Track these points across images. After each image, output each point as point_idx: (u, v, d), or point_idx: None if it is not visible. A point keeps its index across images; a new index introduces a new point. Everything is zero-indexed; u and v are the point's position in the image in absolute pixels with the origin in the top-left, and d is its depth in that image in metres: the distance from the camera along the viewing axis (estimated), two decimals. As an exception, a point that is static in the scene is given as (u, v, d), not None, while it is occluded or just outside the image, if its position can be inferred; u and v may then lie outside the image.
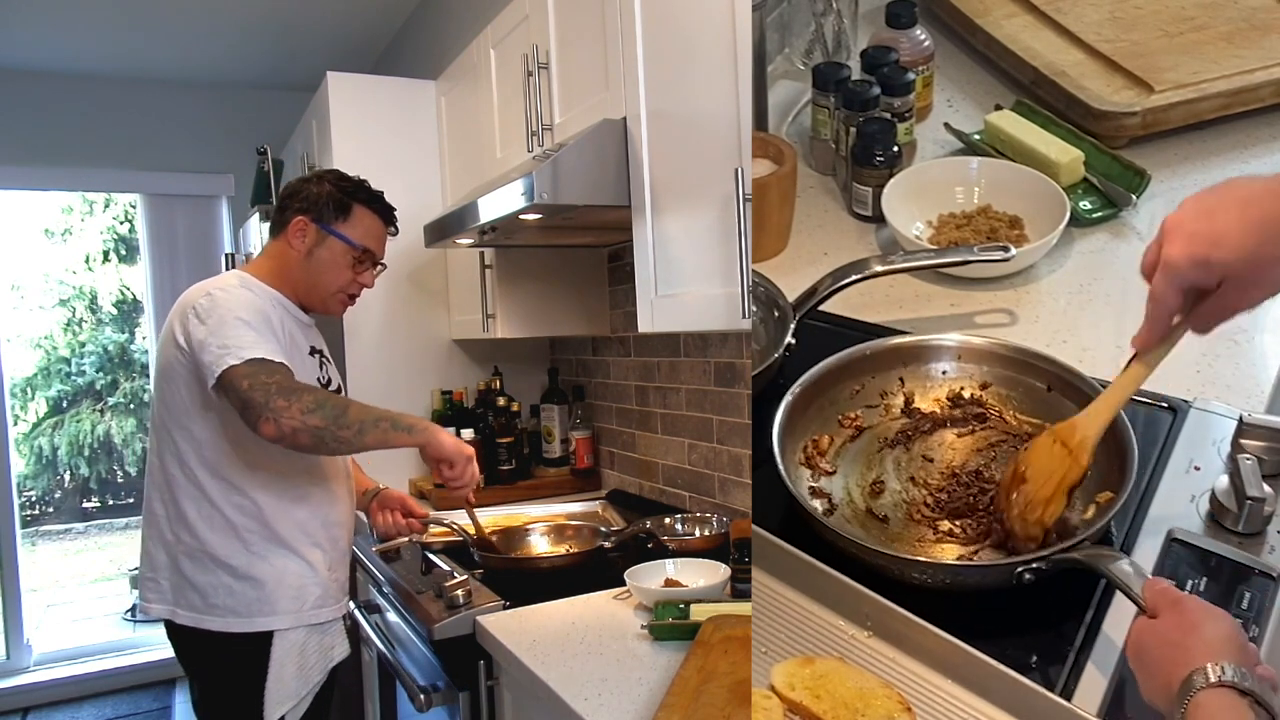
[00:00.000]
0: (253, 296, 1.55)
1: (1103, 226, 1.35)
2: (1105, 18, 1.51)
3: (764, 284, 1.25)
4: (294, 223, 1.63)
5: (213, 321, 1.48)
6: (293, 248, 1.63)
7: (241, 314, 1.49)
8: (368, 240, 1.67)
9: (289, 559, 1.57)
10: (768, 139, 1.38)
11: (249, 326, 1.48)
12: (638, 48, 1.59)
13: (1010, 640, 0.93)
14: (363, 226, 1.67)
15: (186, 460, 1.55)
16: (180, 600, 1.57)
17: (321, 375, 1.68)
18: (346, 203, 1.65)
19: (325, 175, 1.69)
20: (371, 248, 1.68)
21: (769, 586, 1.00)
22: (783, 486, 1.01)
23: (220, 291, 1.53)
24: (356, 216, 1.66)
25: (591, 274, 2.59)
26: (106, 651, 4.13)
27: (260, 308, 1.54)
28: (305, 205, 1.63)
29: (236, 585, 1.54)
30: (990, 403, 1.14)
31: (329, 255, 1.64)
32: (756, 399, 1.17)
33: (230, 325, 1.47)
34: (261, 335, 1.48)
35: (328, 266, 1.64)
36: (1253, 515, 0.97)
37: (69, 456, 6.25)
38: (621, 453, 2.61)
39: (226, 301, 1.51)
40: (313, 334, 1.72)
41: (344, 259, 1.65)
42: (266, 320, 1.53)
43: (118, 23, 3.45)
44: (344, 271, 1.66)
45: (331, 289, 1.66)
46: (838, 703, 0.87)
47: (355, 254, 1.66)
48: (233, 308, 1.50)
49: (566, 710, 1.20)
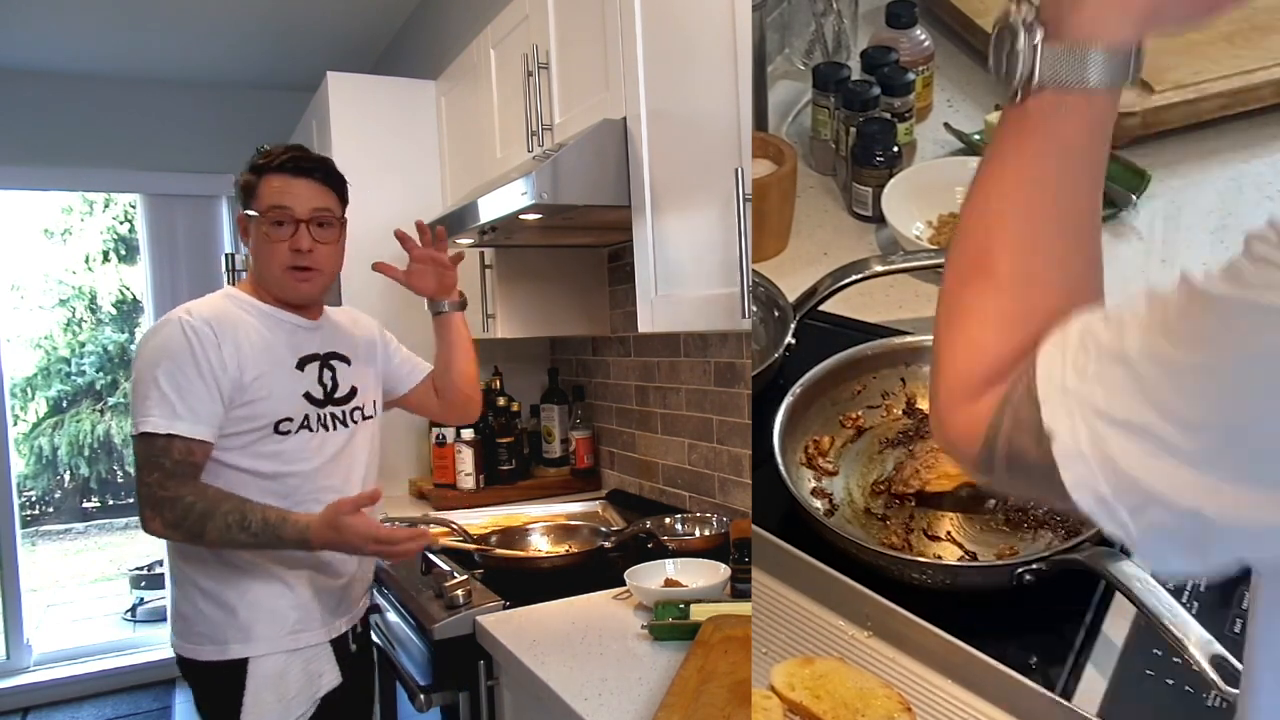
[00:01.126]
0: (178, 336, 1.40)
1: (1103, 226, 1.35)
2: (1105, 18, 1.51)
3: (764, 284, 1.25)
4: (238, 223, 1.55)
5: (134, 370, 1.43)
6: (247, 248, 1.54)
7: (154, 368, 1.39)
8: (273, 199, 1.47)
9: (265, 581, 1.48)
10: (768, 139, 1.38)
11: (154, 387, 1.38)
12: (638, 48, 1.59)
13: (1010, 640, 0.93)
14: (266, 189, 1.48)
15: None
16: (176, 626, 1.53)
17: (316, 388, 1.54)
18: (253, 180, 1.50)
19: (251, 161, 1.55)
20: (278, 203, 1.47)
21: (769, 586, 1.00)
22: (783, 486, 1.01)
23: (153, 332, 1.44)
24: (262, 186, 1.49)
25: (591, 274, 2.59)
26: (106, 651, 4.12)
27: (185, 350, 1.39)
28: (239, 203, 1.53)
29: (210, 610, 1.47)
30: (990, 403, 1.14)
31: (255, 239, 1.50)
32: (756, 399, 1.17)
33: (141, 382, 1.40)
34: (166, 396, 1.37)
35: (260, 249, 1.49)
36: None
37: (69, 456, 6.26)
38: (621, 453, 2.61)
39: (149, 347, 1.42)
40: (315, 338, 1.57)
41: (261, 233, 1.48)
42: (192, 361, 1.39)
43: (118, 23, 3.44)
44: (270, 247, 1.48)
45: (274, 271, 1.49)
46: (838, 703, 0.87)
47: (268, 221, 1.47)
48: (151, 356, 1.40)
49: (566, 710, 1.20)
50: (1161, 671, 0.87)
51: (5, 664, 3.90)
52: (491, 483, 2.66)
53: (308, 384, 1.53)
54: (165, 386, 1.37)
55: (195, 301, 1.48)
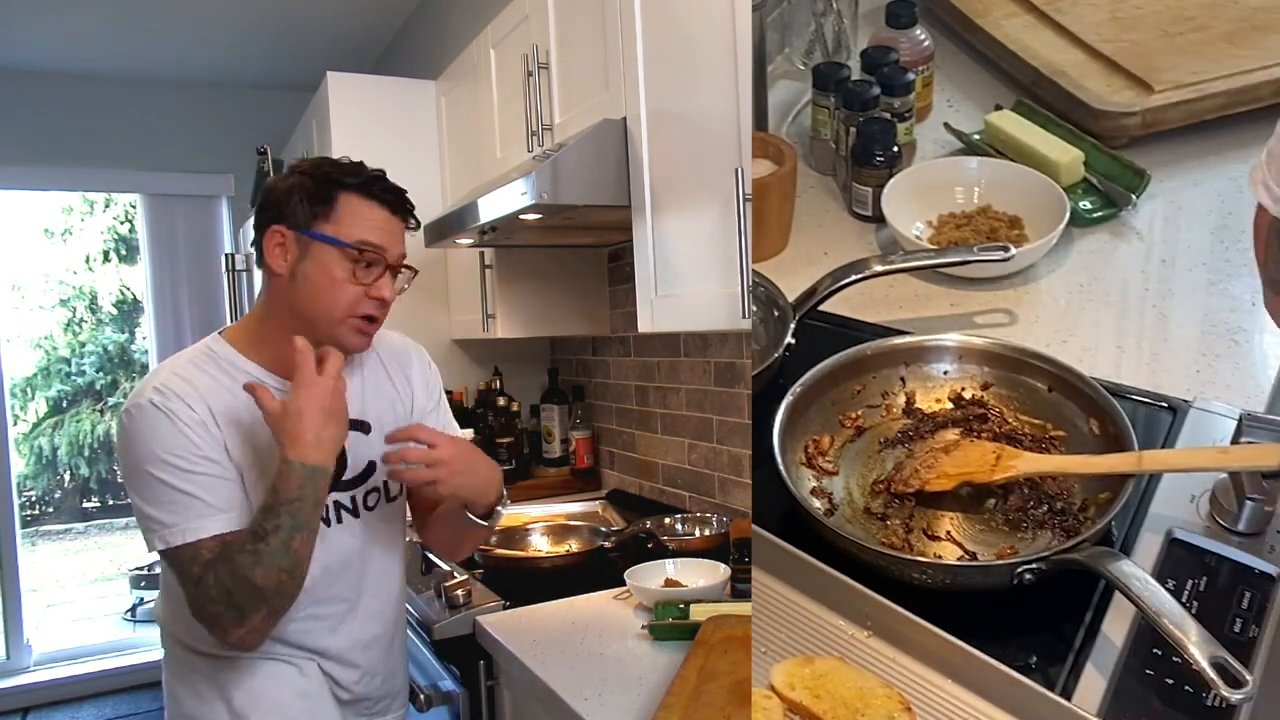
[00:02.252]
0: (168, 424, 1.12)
1: (1103, 226, 1.35)
2: (1105, 18, 1.51)
3: (764, 284, 1.25)
4: (269, 236, 1.18)
5: (126, 468, 1.15)
6: (275, 272, 1.19)
7: (152, 465, 1.11)
8: (363, 233, 1.18)
9: (273, 667, 1.23)
10: (768, 139, 1.38)
11: (163, 486, 1.11)
12: (638, 48, 1.59)
13: (1010, 640, 0.93)
14: (356, 216, 1.18)
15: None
16: (171, 708, 1.30)
17: None
18: (327, 192, 1.18)
19: (299, 165, 1.23)
20: (374, 241, 1.18)
21: (769, 586, 1.00)
22: (783, 486, 1.01)
23: (138, 411, 1.13)
24: (344, 207, 1.18)
25: (591, 274, 2.59)
26: (106, 651, 4.13)
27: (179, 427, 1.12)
28: (275, 210, 1.19)
29: (208, 694, 1.23)
30: (991, 403, 1.14)
31: (316, 268, 1.17)
32: (756, 399, 1.17)
33: (143, 486, 1.12)
34: (181, 489, 1.11)
35: (320, 285, 1.17)
36: (1253, 515, 0.97)
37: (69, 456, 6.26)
38: (621, 453, 2.61)
39: (140, 436, 1.12)
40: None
41: (339, 268, 1.17)
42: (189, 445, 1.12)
43: (118, 23, 3.44)
44: (343, 286, 1.17)
45: (336, 313, 1.18)
46: (838, 703, 0.87)
47: (353, 256, 1.17)
48: (145, 453, 1.12)
49: (566, 710, 1.20)
50: (1161, 671, 0.87)
51: (5, 664, 3.90)
52: (491, 483, 2.66)
53: None
54: (175, 481, 1.11)
55: (171, 372, 1.18)
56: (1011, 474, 1.02)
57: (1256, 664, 0.87)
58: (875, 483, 1.09)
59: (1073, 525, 1.00)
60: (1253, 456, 0.97)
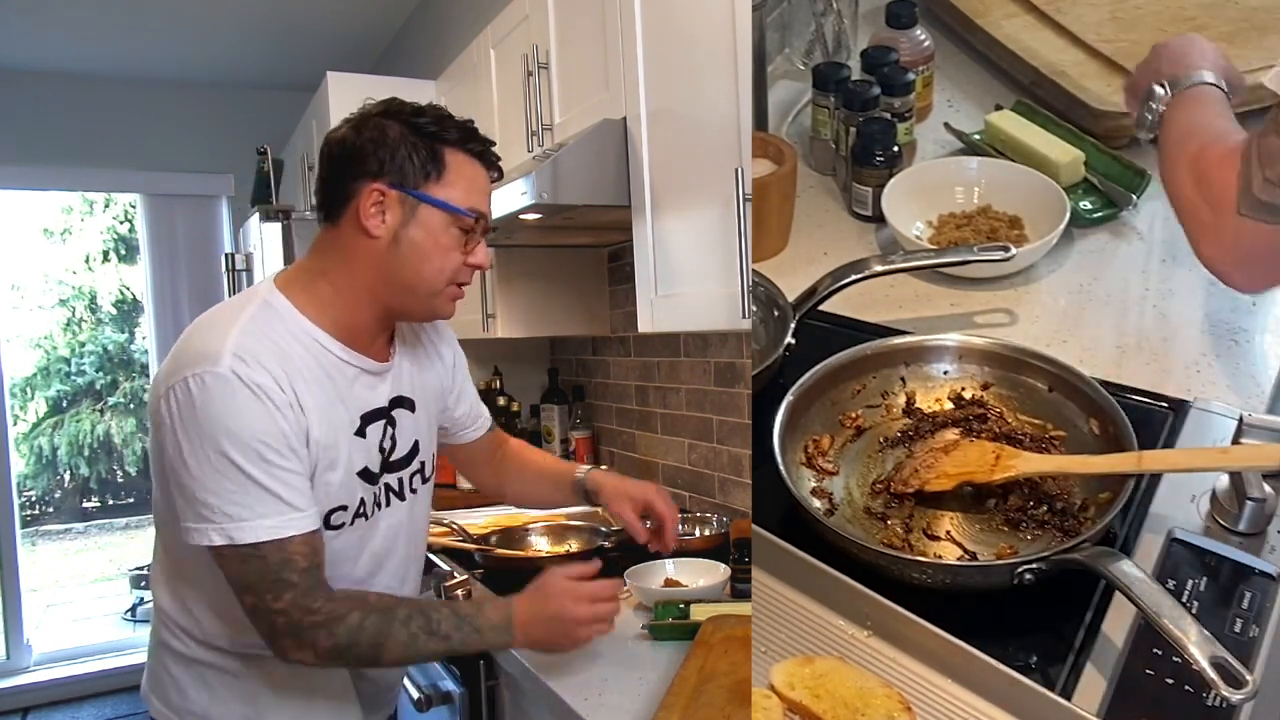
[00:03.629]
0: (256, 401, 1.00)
1: (1103, 226, 1.35)
2: (1105, 18, 1.51)
3: (764, 284, 1.25)
4: (366, 194, 1.06)
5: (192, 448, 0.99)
6: (370, 234, 1.07)
7: (233, 448, 0.98)
8: (473, 199, 1.11)
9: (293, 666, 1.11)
10: (768, 139, 1.38)
11: (241, 475, 0.99)
12: (638, 48, 1.59)
13: (1010, 640, 0.93)
14: (465, 179, 1.10)
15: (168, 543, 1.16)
16: (158, 689, 1.21)
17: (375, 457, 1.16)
18: (436, 149, 1.09)
19: (386, 111, 1.11)
20: (482, 209, 1.12)
21: (769, 586, 1.00)
22: (783, 486, 1.01)
23: (212, 380, 0.98)
24: (454, 168, 1.09)
25: (591, 274, 2.59)
26: (106, 651, 4.12)
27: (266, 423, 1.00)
28: (375, 164, 1.07)
29: (224, 690, 1.16)
30: (991, 403, 1.14)
31: (424, 235, 1.08)
32: (756, 399, 1.17)
33: (213, 471, 0.98)
34: (263, 485, 0.99)
35: (427, 252, 1.09)
36: (1253, 515, 0.97)
37: (69, 456, 6.25)
38: (621, 453, 2.61)
39: (216, 413, 0.98)
40: (382, 385, 1.16)
41: (448, 235, 1.09)
42: (275, 431, 1.01)
43: (118, 23, 3.44)
44: (450, 254, 1.10)
45: (437, 283, 1.11)
46: (838, 702, 0.87)
47: (464, 224, 1.10)
48: (223, 431, 0.98)
49: (566, 710, 1.20)
50: (1161, 671, 0.87)
51: (5, 664, 3.90)
52: (491, 483, 2.66)
53: (366, 455, 1.14)
54: (255, 471, 0.99)
55: (243, 333, 1.03)
56: (1011, 474, 1.02)
57: (1256, 664, 0.87)
58: (875, 483, 1.08)
59: (1073, 525, 1.00)
60: (1253, 456, 0.98)
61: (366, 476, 1.14)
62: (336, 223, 1.10)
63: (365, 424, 1.14)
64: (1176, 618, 0.82)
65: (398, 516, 1.21)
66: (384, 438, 1.16)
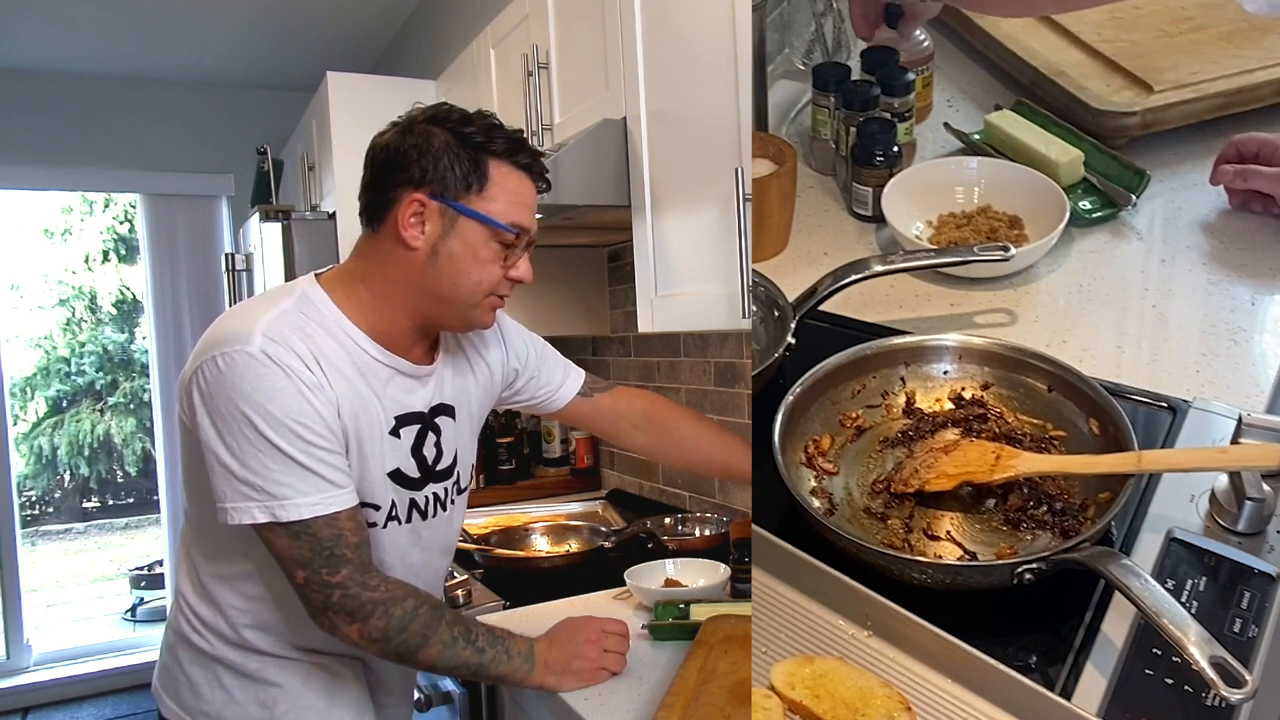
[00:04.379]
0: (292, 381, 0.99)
1: (1103, 226, 1.35)
2: (1105, 18, 1.51)
3: (764, 284, 1.25)
4: (406, 203, 1.05)
5: (228, 425, 0.98)
6: (408, 245, 1.06)
7: (270, 427, 0.97)
8: (516, 213, 1.08)
9: (315, 667, 1.16)
10: (768, 139, 1.38)
11: (281, 454, 0.98)
12: (638, 48, 1.59)
13: (1010, 640, 0.93)
14: (508, 192, 1.08)
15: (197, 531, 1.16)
16: (171, 688, 1.19)
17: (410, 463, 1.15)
18: (479, 160, 1.06)
19: (434, 118, 1.08)
20: (524, 223, 1.09)
21: (769, 586, 1.00)
22: (783, 486, 1.01)
23: (245, 357, 0.98)
24: (497, 179, 1.07)
25: (591, 274, 2.59)
26: (106, 651, 4.13)
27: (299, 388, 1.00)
28: (420, 174, 1.05)
29: (239, 693, 1.14)
30: (991, 403, 1.14)
31: (464, 247, 1.06)
32: (756, 399, 1.17)
33: (253, 449, 0.98)
34: (306, 463, 0.99)
35: (466, 266, 1.07)
36: (1253, 515, 0.97)
37: (69, 456, 6.25)
38: (621, 452, 2.61)
39: (252, 389, 0.98)
40: (421, 390, 1.15)
41: (488, 249, 1.07)
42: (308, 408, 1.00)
43: (118, 23, 3.44)
44: (489, 268, 1.08)
45: (476, 296, 1.09)
46: (838, 702, 0.87)
47: (505, 239, 1.08)
48: (259, 410, 0.97)
49: (566, 710, 1.20)
50: (1161, 671, 0.87)
51: (5, 664, 3.90)
52: (491, 482, 2.66)
53: (399, 457, 1.13)
54: (293, 451, 0.98)
55: (276, 319, 1.03)
56: (1011, 474, 1.02)
57: (1256, 664, 0.87)
58: (875, 483, 1.09)
59: (1072, 525, 1.00)
60: (1252, 456, 0.98)
61: (399, 479, 1.13)
62: (378, 230, 1.09)
63: (400, 425, 1.12)
64: (1176, 618, 0.82)
65: (438, 529, 1.21)
66: (425, 445, 1.15)
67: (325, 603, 1.02)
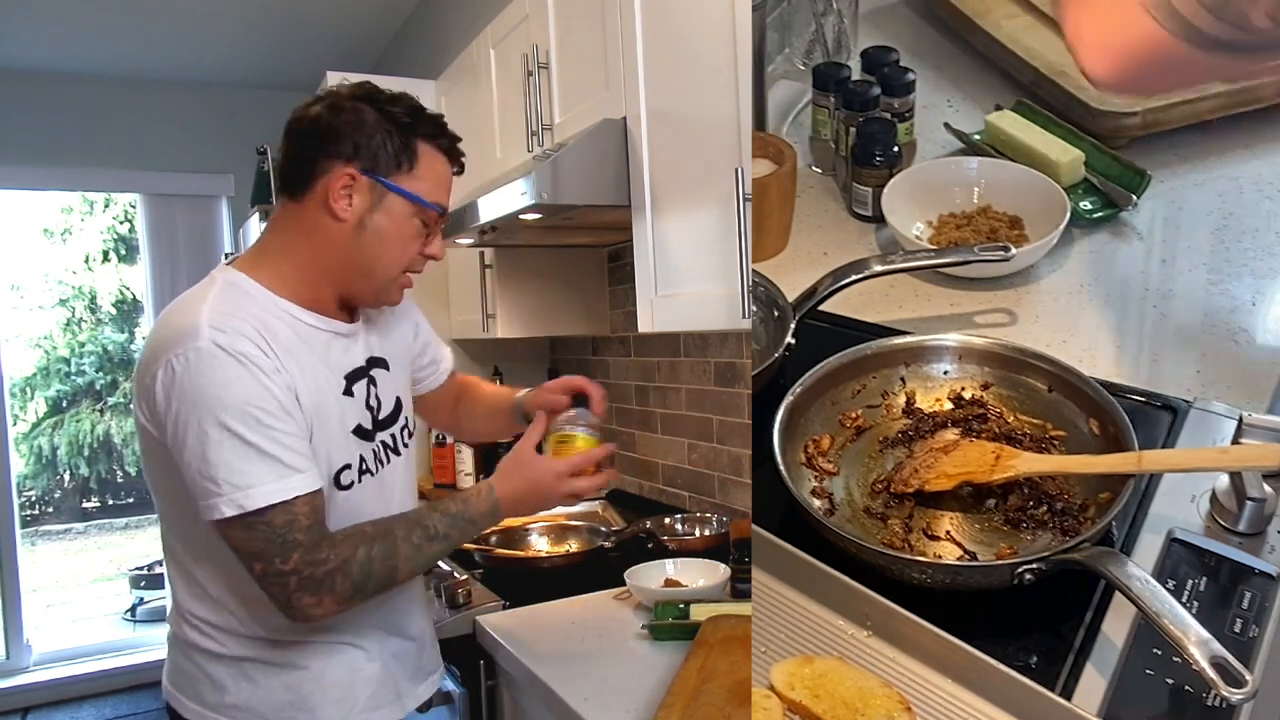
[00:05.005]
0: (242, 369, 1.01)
1: (1103, 226, 1.35)
2: (1105, 18, 1.51)
3: (764, 284, 1.25)
4: (335, 176, 1.08)
5: (188, 423, 0.99)
6: (336, 216, 1.09)
7: (229, 416, 0.99)
8: (439, 194, 1.15)
9: (334, 649, 1.16)
10: (768, 139, 1.38)
11: (240, 443, 0.99)
12: (638, 48, 1.59)
13: (1010, 640, 0.93)
14: (434, 173, 1.14)
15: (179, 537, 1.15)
16: (188, 688, 1.18)
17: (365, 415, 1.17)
18: (411, 141, 1.11)
19: (359, 95, 1.13)
20: (443, 201, 1.16)
21: (769, 586, 1.00)
22: (783, 486, 1.01)
23: (195, 356, 1.00)
24: (424, 161, 1.12)
25: (591, 274, 2.59)
26: (106, 651, 4.13)
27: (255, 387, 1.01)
28: (349, 146, 1.09)
29: (266, 682, 1.14)
30: (991, 403, 1.14)
31: (389, 222, 1.11)
32: (756, 399, 1.17)
33: (213, 442, 0.99)
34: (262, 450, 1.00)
35: (390, 241, 1.11)
36: (1253, 515, 0.97)
37: (69, 456, 6.25)
38: (621, 453, 2.61)
39: (207, 385, 0.99)
40: (356, 347, 1.19)
41: (410, 226, 1.12)
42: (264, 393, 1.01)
43: (118, 23, 3.44)
44: (411, 245, 1.14)
45: (394, 270, 1.14)
46: (838, 702, 0.87)
47: (428, 217, 1.14)
48: (215, 402, 0.99)
49: (566, 710, 1.20)
50: (1161, 671, 0.87)
51: (5, 664, 3.90)
52: (491, 483, 2.66)
53: (358, 413, 1.16)
54: (253, 437, 1.00)
55: (214, 309, 1.04)
56: (1011, 474, 1.02)
57: (1256, 664, 0.87)
58: (875, 483, 1.09)
59: (1073, 525, 1.00)
60: (1253, 457, 0.98)
61: (361, 434, 1.16)
62: (301, 200, 1.12)
63: (350, 383, 1.15)
64: (1176, 618, 0.82)
65: (398, 472, 1.23)
66: (370, 396, 1.18)
67: (285, 593, 1.03)
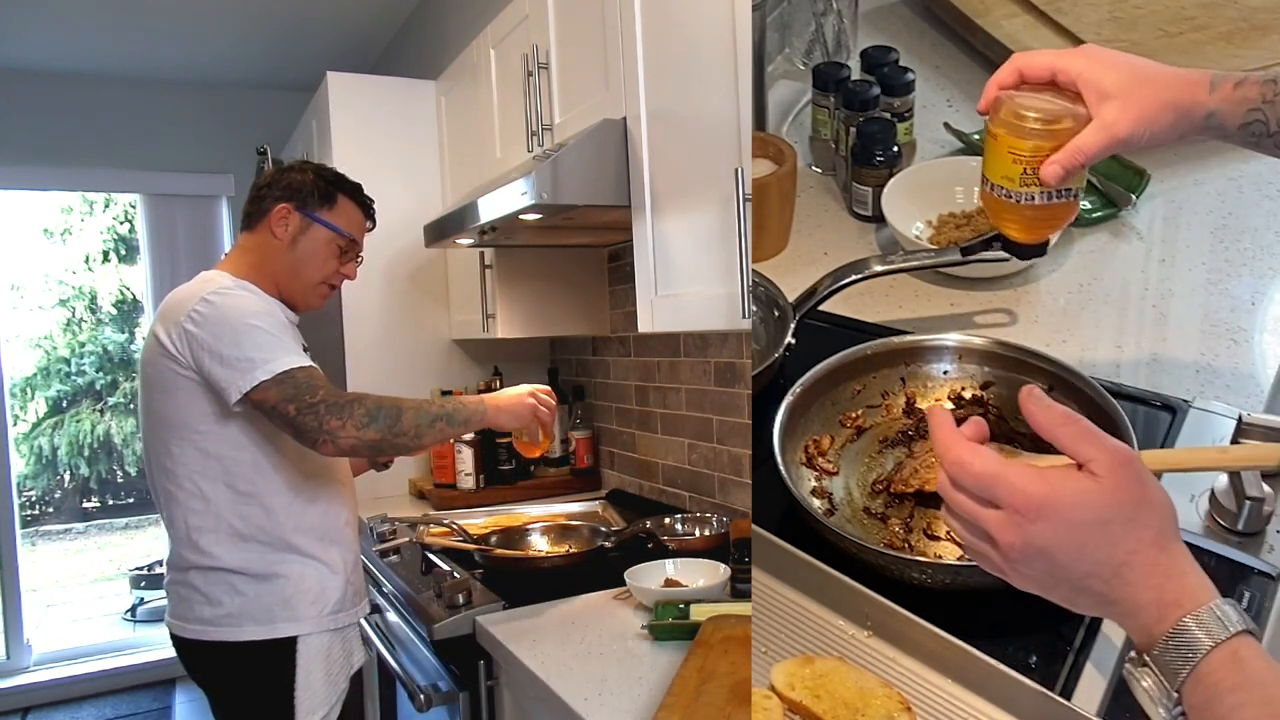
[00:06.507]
0: (256, 298, 1.48)
1: (1103, 226, 1.35)
2: (1105, 17, 1.51)
3: (764, 284, 1.25)
4: (276, 211, 1.57)
5: (223, 330, 1.41)
6: (275, 236, 1.57)
7: (253, 319, 1.42)
8: (353, 229, 1.63)
9: (307, 562, 1.51)
10: (768, 139, 1.38)
11: (266, 333, 1.41)
12: (638, 48, 1.59)
13: (1010, 640, 0.93)
14: (346, 215, 1.63)
15: (189, 474, 1.47)
16: (189, 613, 1.50)
17: None
18: (331, 191, 1.61)
19: (304, 165, 1.65)
20: (356, 236, 1.65)
21: (769, 586, 1.00)
22: (783, 486, 1.01)
23: (219, 295, 1.44)
24: (341, 205, 1.62)
25: (591, 274, 2.59)
26: (106, 651, 4.13)
27: (268, 308, 1.47)
28: (287, 193, 1.58)
29: (254, 591, 1.47)
30: (991, 403, 1.14)
31: (313, 244, 1.59)
32: (756, 399, 1.17)
33: (246, 334, 1.40)
34: (281, 340, 1.42)
35: (312, 256, 1.59)
36: (1252, 515, 0.97)
37: (69, 456, 6.25)
38: (621, 453, 2.61)
39: (233, 306, 1.43)
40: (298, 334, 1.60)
41: (329, 248, 1.60)
42: (277, 321, 1.46)
43: (118, 23, 3.45)
44: (329, 261, 1.61)
45: (315, 279, 1.60)
46: (838, 702, 0.87)
47: (341, 243, 1.61)
48: (242, 312, 1.43)
49: (566, 710, 1.20)
50: (1161, 671, 0.87)
51: (5, 664, 3.90)
52: (491, 482, 2.66)
53: None
54: (274, 332, 1.42)
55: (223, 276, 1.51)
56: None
57: (1256, 664, 0.87)
58: (875, 483, 1.09)
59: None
60: (1252, 456, 0.97)
61: None
62: (254, 230, 1.61)
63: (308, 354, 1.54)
64: (1176, 618, 0.82)
65: None
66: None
67: (317, 419, 1.35)
